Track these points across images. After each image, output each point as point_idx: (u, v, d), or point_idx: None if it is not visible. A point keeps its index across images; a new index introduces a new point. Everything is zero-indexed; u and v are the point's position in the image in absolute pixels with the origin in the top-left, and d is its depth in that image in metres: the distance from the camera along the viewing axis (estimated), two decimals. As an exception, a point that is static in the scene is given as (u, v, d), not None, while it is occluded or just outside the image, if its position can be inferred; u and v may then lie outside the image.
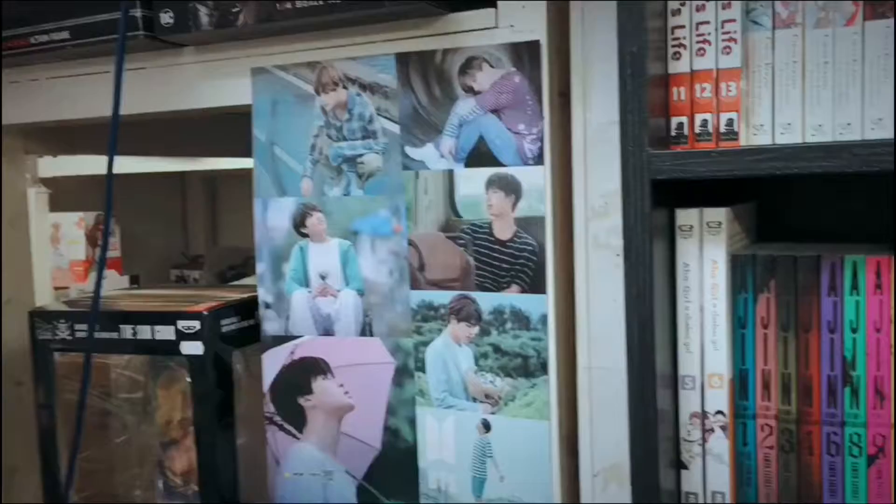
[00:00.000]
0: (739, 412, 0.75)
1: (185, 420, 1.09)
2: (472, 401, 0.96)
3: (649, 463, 0.70)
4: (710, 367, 0.74)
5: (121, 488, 1.17)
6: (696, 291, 0.74)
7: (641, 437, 0.70)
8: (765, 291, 0.73)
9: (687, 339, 0.74)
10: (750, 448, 0.75)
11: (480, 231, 0.95)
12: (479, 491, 0.97)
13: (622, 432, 0.92)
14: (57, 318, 1.08)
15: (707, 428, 0.74)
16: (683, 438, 0.75)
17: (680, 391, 0.75)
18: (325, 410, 1.03)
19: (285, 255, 1.04)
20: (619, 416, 0.92)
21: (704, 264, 0.73)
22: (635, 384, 0.70)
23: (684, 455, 0.75)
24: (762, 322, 0.73)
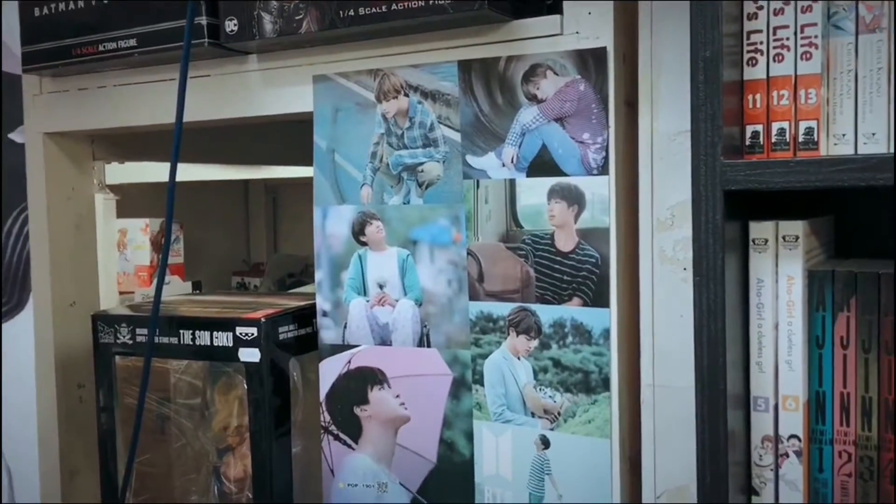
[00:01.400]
0: (815, 437, 0.70)
1: (241, 427, 1.08)
2: (530, 416, 0.93)
3: (718, 487, 0.66)
4: (784, 388, 0.70)
5: (177, 493, 1.16)
6: (771, 308, 0.69)
7: (710, 460, 0.66)
8: (845, 310, 0.68)
9: (760, 359, 0.70)
10: (826, 475, 0.70)
11: (542, 242, 0.91)
12: (536, 509, 0.93)
13: (687, 453, 0.88)
14: (119, 322, 1.08)
15: (780, 453, 0.70)
16: (755, 463, 0.71)
17: (752, 413, 0.71)
18: (381, 421, 1.01)
19: (344, 264, 1.02)
20: (684, 437, 0.88)
21: (780, 280, 0.69)
22: (704, 404, 0.66)
23: (755, 480, 0.71)
24: (841, 342, 0.68)
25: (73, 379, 1.24)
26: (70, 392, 1.24)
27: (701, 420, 0.66)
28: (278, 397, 1.04)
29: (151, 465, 1.17)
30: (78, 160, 1.24)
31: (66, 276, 1.23)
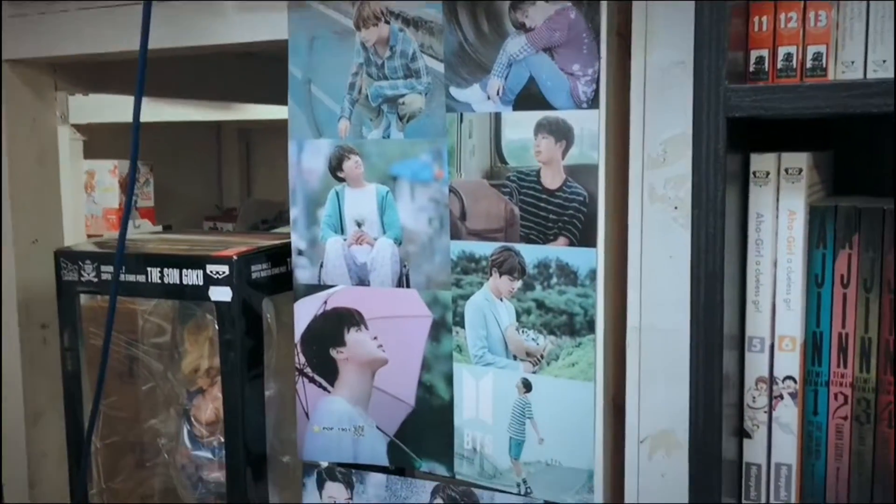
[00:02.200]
0: (811, 379, 0.67)
1: (212, 369, 1.03)
2: (512, 359, 0.89)
3: (711, 430, 0.63)
4: (781, 328, 0.66)
5: (146, 436, 1.12)
6: (770, 245, 0.66)
7: (704, 402, 0.63)
8: (846, 247, 0.65)
9: (757, 298, 0.67)
10: (821, 418, 0.67)
11: (527, 179, 0.87)
12: (516, 452, 0.90)
13: (673, 398, 0.85)
14: (83, 259, 1.02)
15: (775, 395, 0.67)
16: (748, 405, 0.67)
17: (746, 354, 0.67)
18: (358, 364, 0.97)
19: (320, 200, 0.97)
20: (669, 381, 0.85)
21: (780, 215, 0.65)
22: (699, 344, 0.62)
23: (748, 423, 0.68)
24: (842, 281, 0.65)
25: (36, 319, 1.18)
26: (33, 333, 1.18)
27: (695, 360, 0.63)
28: (251, 338, 0.99)
29: (119, 408, 1.12)
30: (39, 90, 1.17)
31: (28, 213, 1.16)
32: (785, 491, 0.67)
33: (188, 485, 1.06)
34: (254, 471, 1.00)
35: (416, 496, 0.95)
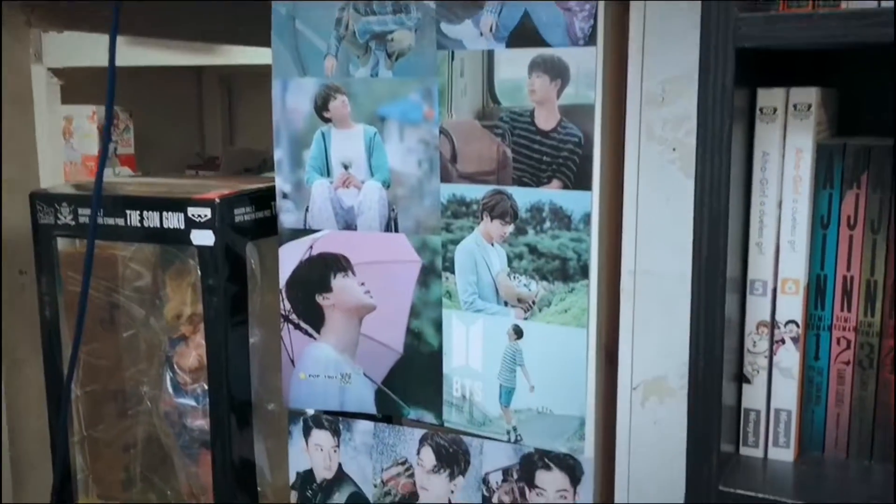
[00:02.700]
0: (813, 323, 0.65)
1: (195, 315, 1.00)
2: (503, 305, 0.87)
3: (711, 375, 0.60)
4: (784, 271, 0.64)
5: (127, 383, 1.09)
6: (775, 185, 0.63)
7: (705, 345, 0.60)
8: (854, 187, 0.62)
9: (760, 240, 0.64)
10: (822, 363, 0.65)
11: (520, 119, 0.83)
12: (506, 400, 0.88)
13: (666, 343, 0.82)
14: (59, 201, 0.98)
15: (776, 339, 0.65)
16: (748, 350, 0.65)
17: (748, 297, 0.65)
18: (345, 310, 0.94)
19: (305, 142, 0.93)
20: (664, 326, 0.82)
21: (787, 153, 0.62)
22: (701, 287, 0.60)
23: (747, 368, 0.66)
24: (848, 222, 0.62)
25: (13, 265, 1.14)
26: (11, 278, 1.14)
27: (696, 303, 0.60)
28: (234, 284, 0.96)
29: (100, 356, 1.09)
30: (11, 27, 1.11)
31: (3, 154, 1.11)
32: (784, 437, 0.65)
33: (171, 432, 1.03)
34: (238, 418, 0.97)
35: (403, 444, 0.93)
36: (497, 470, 0.89)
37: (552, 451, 0.86)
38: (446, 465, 0.91)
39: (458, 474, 0.90)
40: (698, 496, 0.60)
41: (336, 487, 0.97)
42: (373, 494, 0.95)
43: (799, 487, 0.60)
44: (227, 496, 0.96)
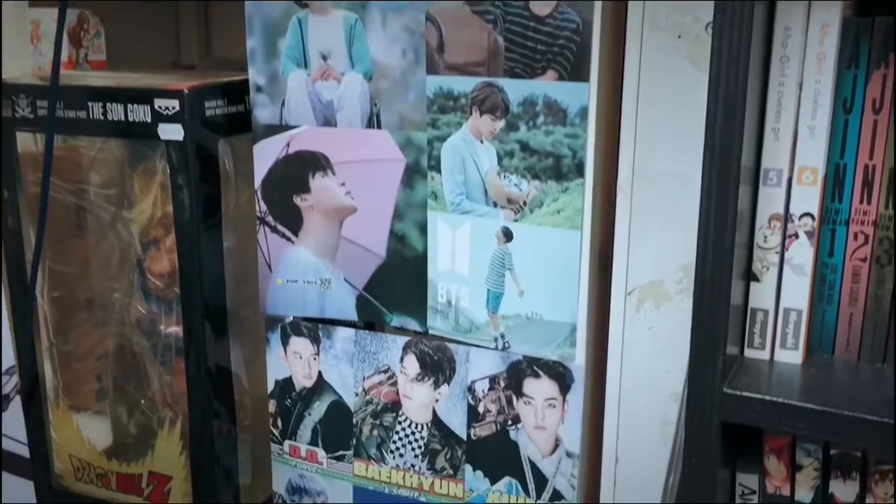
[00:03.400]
0: (829, 216, 0.59)
1: (165, 217, 0.93)
2: (492, 206, 0.81)
3: (720, 270, 0.55)
4: (802, 158, 0.58)
5: (97, 291, 1.03)
6: (797, 64, 0.56)
7: (714, 238, 0.55)
8: (881, 67, 0.56)
9: (777, 125, 0.58)
10: (837, 259, 0.60)
11: (514, 4, 0.76)
12: (494, 306, 0.83)
13: (665, 246, 0.77)
14: (17, 93, 0.90)
15: (789, 233, 0.59)
16: (758, 245, 0.60)
17: (761, 188, 0.59)
18: (324, 212, 0.88)
19: (280, 29, 0.85)
20: (662, 228, 0.77)
21: (811, 29, 0.56)
22: (713, 175, 0.54)
23: (756, 265, 0.60)
24: (873, 105, 0.56)
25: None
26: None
27: (707, 192, 0.54)
28: (207, 184, 0.89)
29: (67, 262, 1.02)
30: None
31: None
32: (793, 338, 0.60)
33: (144, 340, 0.98)
34: (213, 325, 0.92)
35: (386, 352, 0.88)
36: (483, 378, 0.84)
37: (541, 359, 0.81)
38: (430, 374, 0.86)
39: (443, 382, 0.86)
40: (701, 398, 0.56)
41: (316, 396, 0.92)
42: (354, 403, 0.90)
43: (806, 390, 0.56)
44: (203, 405, 0.92)
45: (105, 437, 1.03)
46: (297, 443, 0.94)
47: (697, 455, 0.57)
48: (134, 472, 0.97)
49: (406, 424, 0.88)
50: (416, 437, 0.88)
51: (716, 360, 0.56)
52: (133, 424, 1.00)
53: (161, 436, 0.94)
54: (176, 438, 0.93)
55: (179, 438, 0.93)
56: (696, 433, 0.57)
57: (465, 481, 0.86)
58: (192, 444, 0.92)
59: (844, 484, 0.58)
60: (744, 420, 0.55)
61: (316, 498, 0.94)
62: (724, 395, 0.55)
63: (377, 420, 0.89)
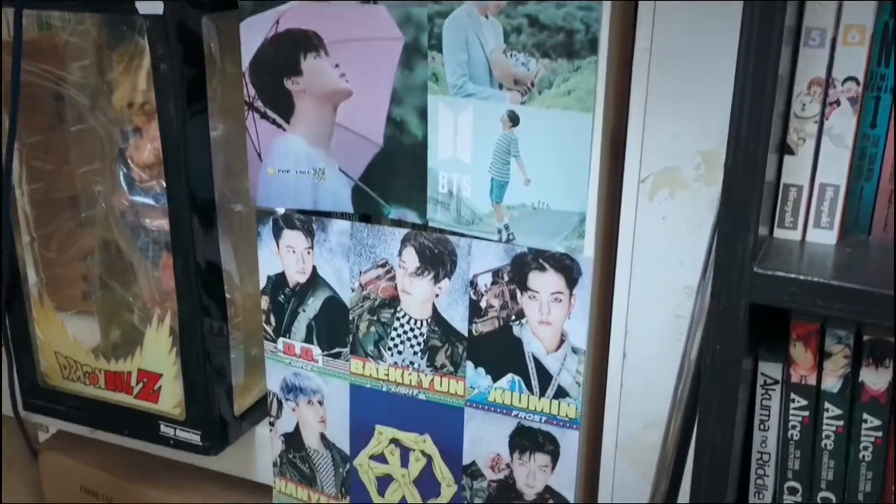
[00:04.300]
0: (874, 83, 0.53)
1: (147, 103, 0.86)
2: (497, 88, 0.74)
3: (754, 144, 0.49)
4: (848, 16, 0.51)
5: (79, 184, 0.97)
6: None
7: (751, 107, 0.49)
8: None
9: (822, -23, 0.51)
10: (879, 131, 0.54)
11: None
12: (498, 195, 0.77)
13: (682, 129, 0.71)
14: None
15: (830, 100, 0.53)
16: (795, 114, 0.54)
17: (801, 50, 0.53)
18: (317, 96, 0.81)
19: None
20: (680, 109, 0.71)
21: None
22: (752, 35, 0.47)
23: (792, 136, 0.54)
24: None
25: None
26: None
27: (745, 54, 0.48)
28: (191, 67, 0.82)
29: (46, 152, 0.95)
30: None
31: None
32: (827, 217, 0.54)
33: (129, 235, 0.92)
34: (201, 218, 0.86)
35: (384, 245, 0.82)
36: (486, 272, 0.79)
37: (547, 251, 0.76)
38: (430, 267, 0.81)
39: (444, 277, 0.81)
40: (729, 279, 0.50)
41: (310, 292, 0.87)
42: (350, 299, 0.85)
43: (842, 270, 0.51)
44: (192, 301, 0.86)
45: (92, 337, 0.98)
46: (291, 340, 0.89)
47: (722, 340, 0.52)
48: (122, 369, 0.92)
49: (405, 320, 0.83)
50: (416, 333, 0.83)
51: (746, 238, 0.51)
52: (120, 322, 0.95)
53: (149, 333, 0.90)
54: (165, 335, 0.89)
55: (168, 335, 0.88)
56: (721, 317, 0.52)
57: (466, 378, 0.82)
58: (182, 341, 0.87)
59: (876, 371, 0.53)
60: (775, 302, 0.50)
61: (311, 396, 0.90)
62: (754, 275, 0.50)
63: (374, 316, 0.84)
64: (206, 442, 0.89)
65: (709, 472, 0.54)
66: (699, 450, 0.55)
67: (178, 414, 0.90)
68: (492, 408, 0.81)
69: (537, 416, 0.80)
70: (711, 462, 0.54)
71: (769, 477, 0.59)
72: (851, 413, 0.54)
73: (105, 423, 0.95)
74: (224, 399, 0.90)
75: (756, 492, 0.59)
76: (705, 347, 0.53)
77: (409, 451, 0.86)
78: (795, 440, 0.56)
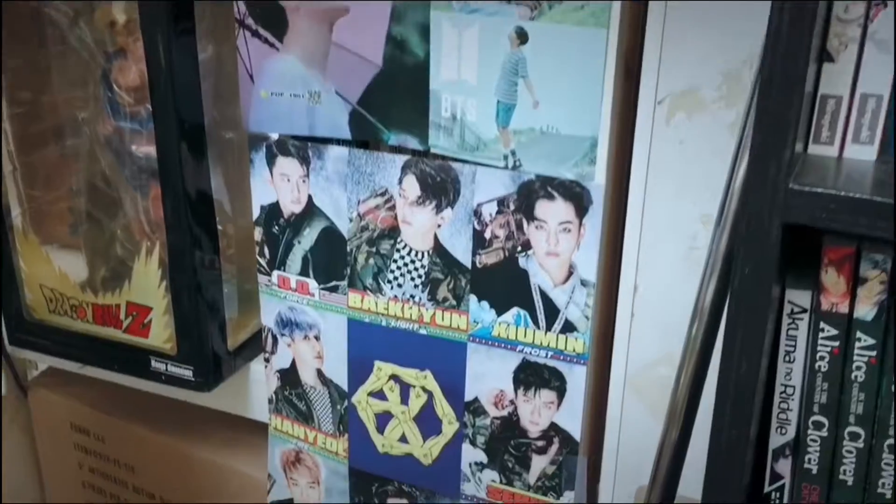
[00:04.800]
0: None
1: (131, 22, 0.80)
2: (505, 1, 0.68)
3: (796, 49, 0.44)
4: None
5: (62, 111, 0.91)
6: None
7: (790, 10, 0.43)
8: None
9: None
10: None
11: None
12: (505, 119, 0.72)
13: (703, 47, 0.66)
14: None
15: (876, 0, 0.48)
16: (837, 17, 0.48)
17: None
18: (312, 13, 0.75)
19: None
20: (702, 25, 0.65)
21: None
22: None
23: (832, 42, 0.49)
24: None
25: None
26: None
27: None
28: (177, -20, 0.75)
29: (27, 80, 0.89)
30: None
31: None
32: (868, 130, 0.50)
33: (115, 162, 0.86)
34: (189, 145, 0.81)
35: (383, 172, 0.77)
36: (491, 200, 0.74)
37: (556, 178, 0.71)
38: (432, 196, 0.76)
39: (446, 206, 0.76)
40: (761, 198, 0.46)
41: (306, 222, 0.82)
42: (348, 229, 0.80)
43: (884, 186, 0.46)
44: (182, 232, 0.82)
45: (79, 271, 0.93)
46: (286, 273, 0.84)
47: (753, 264, 0.47)
48: (111, 302, 0.87)
49: (405, 252, 0.79)
50: (416, 265, 0.78)
51: (782, 153, 0.46)
52: (108, 255, 0.90)
53: (138, 265, 0.85)
54: (154, 268, 0.84)
55: (158, 267, 0.84)
56: (753, 239, 0.47)
57: (470, 312, 0.77)
58: (172, 273, 0.83)
59: (915, 298, 0.49)
60: (811, 221, 0.46)
61: (308, 332, 0.86)
62: (789, 192, 0.45)
63: (373, 247, 0.80)
64: (198, 377, 0.85)
65: (733, 404, 0.50)
66: (723, 380, 0.51)
67: (169, 349, 0.86)
68: (496, 343, 0.77)
69: (543, 352, 0.76)
70: (736, 393, 0.50)
71: (793, 411, 0.55)
72: (885, 343, 0.50)
73: (94, 358, 0.91)
74: (217, 334, 0.86)
75: (778, 426, 0.55)
76: (733, 271, 0.48)
77: (410, 388, 0.83)
78: (823, 372, 0.52)
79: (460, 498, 0.84)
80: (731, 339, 0.49)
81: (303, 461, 0.92)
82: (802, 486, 0.55)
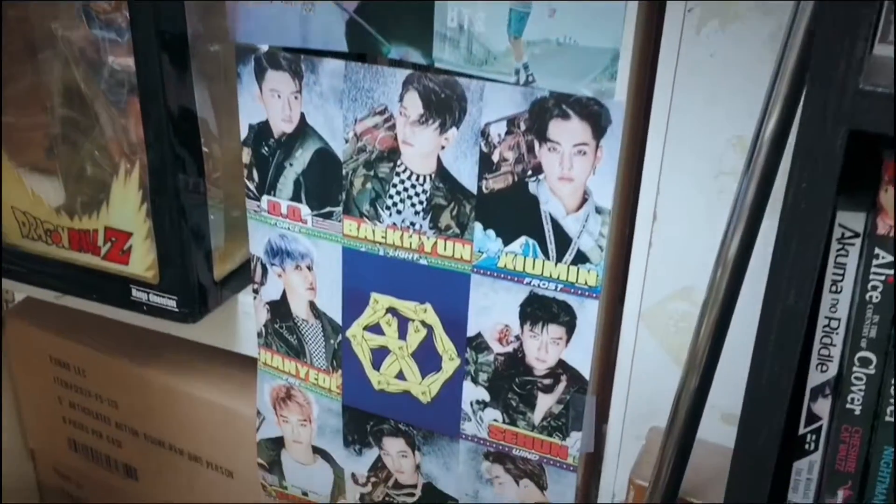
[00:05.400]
0: None
1: (106, -84, 0.71)
2: None
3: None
4: None
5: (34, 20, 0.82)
6: None
7: None
8: None
9: None
10: None
11: None
12: (517, 29, 0.64)
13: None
14: None
15: None
16: None
17: None
18: None
19: None
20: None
21: None
22: None
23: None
24: None
25: None
26: None
27: None
28: None
29: None
30: None
31: None
32: (944, 29, 0.43)
33: (91, 75, 0.78)
34: (171, 56, 0.73)
35: (382, 89, 0.70)
36: (500, 120, 0.67)
37: (572, 95, 0.64)
38: (436, 115, 0.69)
39: (451, 125, 0.69)
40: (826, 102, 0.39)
41: (298, 142, 0.75)
42: (343, 151, 0.73)
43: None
44: (164, 152, 0.74)
45: (56, 196, 0.85)
46: (276, 198, 0.77)
47: (811, 177, 0.41)
48: (87, 227, 0.80)
49: (405, 176, 0.72)
50: (417, 190, 0.72)
51: (852, 49, 0.39)
52: (84, 176, 0.83)
53: (116, 186, 0.78)
54: (134, 189, 0.77)
55: (138, 189, 0.77)
56: (812, 148, 0.40)
57: (474, 241, 0.71)
58: (153, 196, 0.76)
59: None
60: (884, 127, 0.39)
61: (300, 261, 0.79)
62: (859, 93, 0.39)
63: (371, 171, 0.73)
64: (182, 308, 0.79)
65: (778, 337, 0.44)
66: (767, 311, 0.45)
67: (150, 277, 0.79)
68: (502, 274, 0.71)
69: (552, 284, 0.70)
70: (782, 326, 0.44)
71: (836, 346, 0.49)
72: (946, 271, 0.45)
73: (71, 286, 0.84)
74: (202, 262, 0.79)
75: (819, 363, 0.50)
76: (787, 187, 0.42)
77: (408, 322, 0.76)
78: (875, 303, 0.47)
79: (460, 437, 0.78)
80: (779, 265, 0.43)
81: (294, 398, 0.86)
82: (843, 428, 0.49)
